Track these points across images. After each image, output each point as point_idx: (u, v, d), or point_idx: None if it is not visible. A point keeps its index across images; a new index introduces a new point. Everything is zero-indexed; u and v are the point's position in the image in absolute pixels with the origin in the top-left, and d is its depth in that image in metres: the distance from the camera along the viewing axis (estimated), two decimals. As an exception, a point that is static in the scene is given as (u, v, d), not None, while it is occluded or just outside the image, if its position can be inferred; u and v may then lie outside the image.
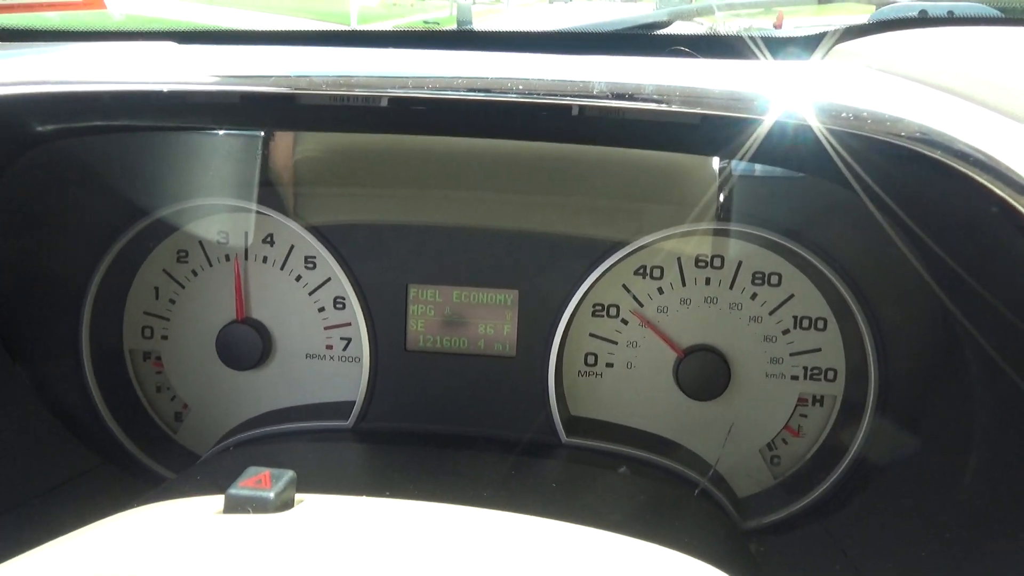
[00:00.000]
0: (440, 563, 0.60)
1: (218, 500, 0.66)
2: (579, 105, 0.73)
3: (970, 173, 0.65)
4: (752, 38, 1.22)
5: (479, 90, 0.72)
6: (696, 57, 1.08)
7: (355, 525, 0.65)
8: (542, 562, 0.64)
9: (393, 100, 0.72)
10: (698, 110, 0.73)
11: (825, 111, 0.70)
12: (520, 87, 0.72)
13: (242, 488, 0.66)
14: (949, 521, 0.83)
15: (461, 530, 0.68)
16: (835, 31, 1.17)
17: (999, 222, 0.65)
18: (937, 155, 0.66)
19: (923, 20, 1.16)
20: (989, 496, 0.79)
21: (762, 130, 0.73)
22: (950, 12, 1.21)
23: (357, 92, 0.73)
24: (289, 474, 0.68)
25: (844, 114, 0.69)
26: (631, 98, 0.72)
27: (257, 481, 0.67)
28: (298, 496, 0.69)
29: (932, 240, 0.78)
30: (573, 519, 0.89)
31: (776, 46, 1.19)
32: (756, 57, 1.08)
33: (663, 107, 0.73)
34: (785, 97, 0.73)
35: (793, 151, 0.75)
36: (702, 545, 0.94)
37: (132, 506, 0.85)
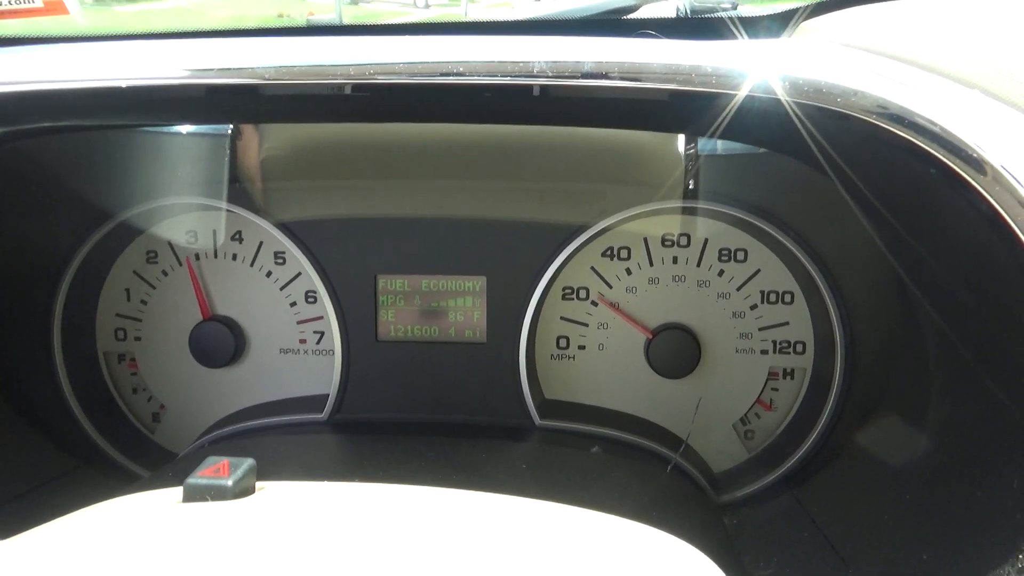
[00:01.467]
0: (401, 544, 0.60)
1: (178, 492, 0.67)
2: (543, 84, 0.73)
3: (915, 139, 0.65)
4: (718, 18, 1.23)
5: (441, 74, 0.72)
6: (662, 39, 1.09)
7: (313, 509, 0.66)
8: (512, 542, 0.64)
9: (357, 87, 0.72)
10: (666, 86, 0.72)
11: (791, 85, 0.70)
12: (482, 69, 0.72)
13: (200, 477, 0.66)
14: (910, 484, 0.84)
15: (426, 512, 0.69)
16: (801, 9, 1.18)
17: (943, 186, 0.66)
18: (889, 126, 0.66)
19: (886, -6, 1.17)
20: (944, 460, 0.80)
21: (731, 105, 0.73)
22: (912, -16, 1.22)
23: (315, 81, 0.73)
24: (248, 462, 0.69)
25: (807, 88, 0.70)
26: (596, 76, 0.72)
27: (216, 470, 0.68)
28: (259, 484, 0.70)
29: (883, 207, 0.79)
30: (546, 500, 0.90)
31: (743, 26, 1.19)
32: (723, 38, 1.09)
33: (630, 84, 0.73)
34: (752, 72, 0.72)
35: (760, 126, 0.75)
36: (677, 521, 0.95)
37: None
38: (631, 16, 1.61)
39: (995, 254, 0.66)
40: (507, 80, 0.71)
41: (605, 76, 0.71)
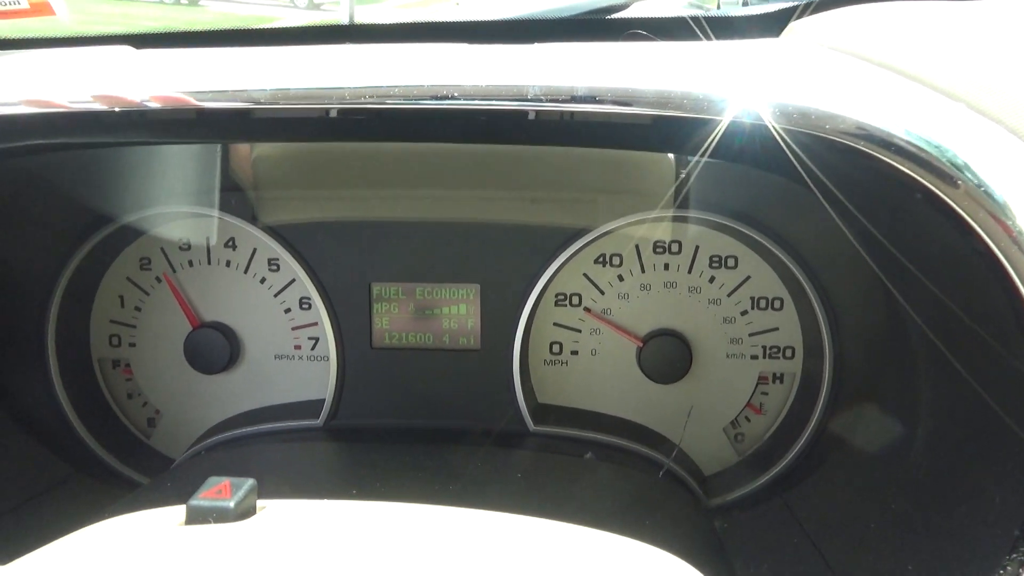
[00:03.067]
0: (402, 564, 0.62)
1: (181, 511, 0.68)
2: (537, 109, 0.73)
3: (899, 165, 0.67)
4: (709, 19, 1.23)
5: (434, 97, 0.72)
6: (654, 40, 1.09)
7: (315, 530, 0.67)
8: (507, 556, 0.66)
9: (351, 111, 0.73)
10: (652, 111, 0.73)
11: (777, 110, 0.71)
12: (477, 93, 0.72)
13: (203, 499, 0.67)
14: (896, 494, 0.86)
15: (425, 530, 0.70)
16: (792, 8, 1.18)
17: (927, 209, 0.68)
18: (872, 150, 0.68)
19: (877, -6, 1.18)
20: (932, 470, 0.82)
21: (717, 130, 0.74)
22: (902, -16, 1.22)
23: (309, 105, 0.74)
24: (249, 482, 0.70)
25: (793, 113, 0.71)
26: (588, 101, 0.73)
27: (218, 491, 0.69)
28: (260, 503, 0.71)
29: (869, 223, 0.80)
30: (539, 509, 0.91)
31: (734, 25, 1.20)
32: (714, 38, 1.09)
33: (621, 110, 0.73)
34: (738, 96, 0.73)
35: (747, 148, 0.76)
36: (668, 526, 0.97)
37: (102, 516, 0.87)
38: (620, 15, 1.61)
39: (979, 273, 0.67)
40: (501, 105, 0.71)
41: (597, 101, 0.71)
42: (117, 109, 0.76)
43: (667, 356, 1.20)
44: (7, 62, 0.97)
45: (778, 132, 0.71)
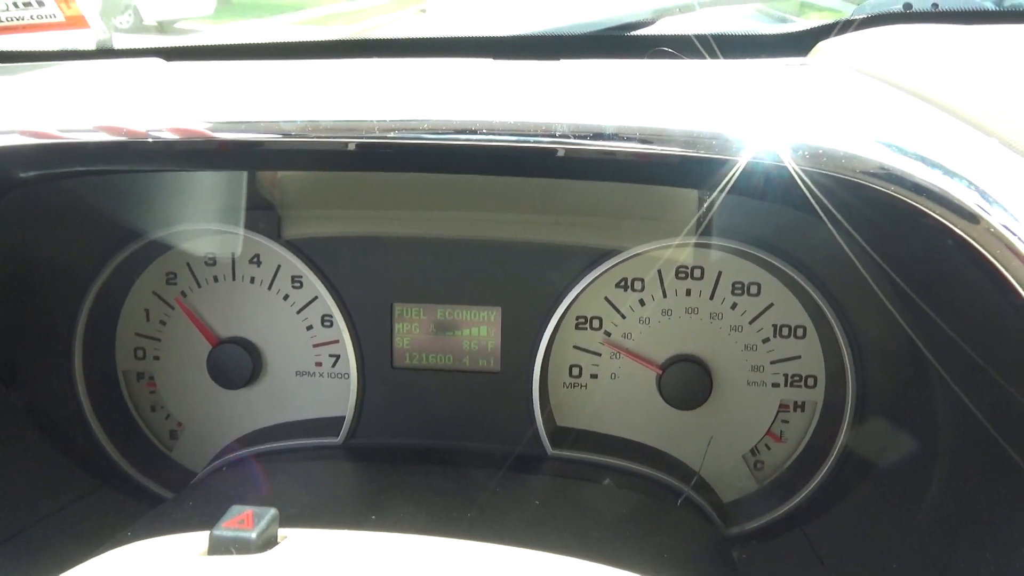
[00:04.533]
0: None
1: (202, 536, 0.69)
2: (563, 146, 0.73)
3: (927, 210, 0.66)
4: (735, 37, 1.22)
5: (460, 132, 0.73)
6: (679, 58, 1.09)
7: (334, 563, 0.68)
8: None
9: (365, 145, 0.74)
10: (676, 150, 0.73)
11: (796, 150, 0.70)
12: (499, 128, 0.72)
13: (225, 529, 0.68)
14: (917, 530, 0.85)
15: (442, 562, 0.70)
16: (821, 27, 1.17)
17: (955, 254, 0.67)
18: (894, 191, 0.67)
19: (907, 15, 1.16)
20: (953, 507, 0.81)
21: (735, 169, 0.74)
22: (934, 5, 1.20)
23: (337, 138, 0.74)
24: (271, 512, 0.70)
25: (813, 154, 0.70)
26: (612, 139, 0.72)
27: (240, 521, 0.70)
28: (281, 532, 0.71)
29: (893, 269, 0.79)
30: (556, 537, 0.91)
31: (761, 44, 1.19)
32: (741, 56, 1.08)
33: (643, 149, 0.73)
34: (758, 134, 0.73)
35: (767, 187, 0.76)
36: (687, 555, 0.96)
37: (126, 533, 0.88)
38: (646, 32, 1.60)
39: (1006, 320, 0.67)
40: (528, 142, 0.72)
41: (622, 139, 0.72)
42: (142, 140, 0.77)
43: (687, 382, 1.20)
44: (42, 76, 0.99)
45: (797, 173, 0.71)
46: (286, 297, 1.26)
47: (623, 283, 1.21)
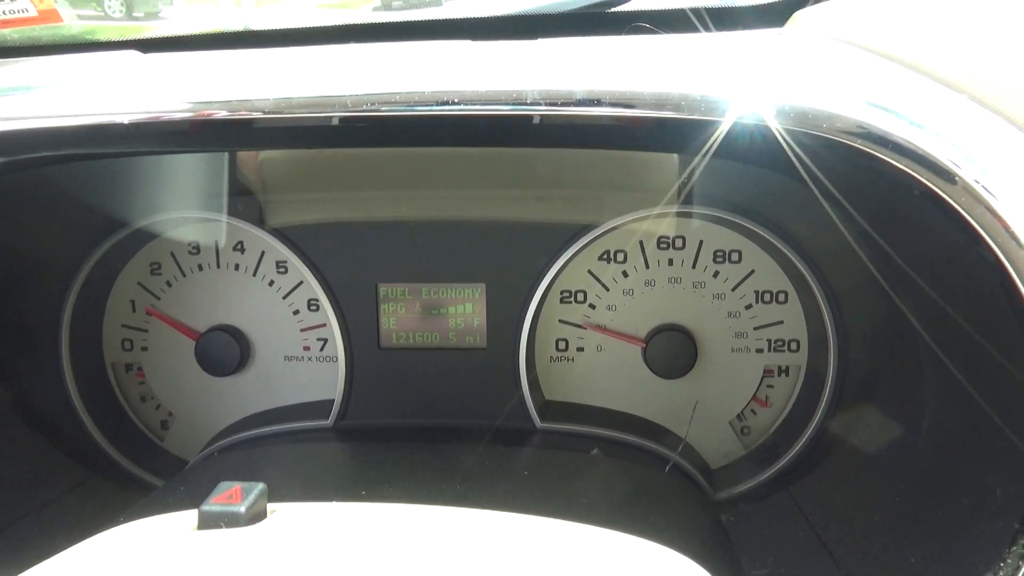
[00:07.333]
0: (411, 566, 0.63)
1: (193, 516, 0.69)
2: (539, 113, 0.74)
3: (897, 162, 0.67)
4: (712, 10, 1.22)
5: (438, 103, 0.73)
6: (657, 32, 1.09)
7: (324, 533, 0.68)
8: (516, 554, 0.67)
9: (344, 119, 0.74)
10: (654, 113, 0.73)
11: (777, 110, 0.71)
12: (472, 98, 0.73)
13: (214, 504, 0.69)
14: (899, 487, 0.86)
15: (433, 532, 0.71)
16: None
17: (927, 205, 0.68)
18: (871, 148, 0.68)
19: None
20: (933, 464, 0.83)
21: (719, 132, 0.74)
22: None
23: (310, 114, 0.75)
24: (259, 487, 0.71)
25: (793, 113, 0.71)
26: (586, 104, 0.73)
27: (228, 496, 0.70)
28: (270, 506, 0.72)
29: (871, 225, 0.80)
30: (546, 505, 0.92)
31: (738, 16, 1.19)
32: (718, 29, 1.09)
33: (622, 112, 0.73)
34: (740, 95, 0.73)
35: (750, 149, 0.76)
36: (676, 520, 0.98)
37: (117, 521, 0.88)
38: (623, 8, 1.60)
39: (978, 272, 0.68)
40: (501, 110, 0.72)
41: (598, 104, 0.72)
42: (122, 122, 0.77)
43: (672, 351, 1.21)
44: (17, 71, 0.99)
45: (780, 132, 0.72)
46: (271, 283, 1.27)
47: (606, 255, 1.22)
